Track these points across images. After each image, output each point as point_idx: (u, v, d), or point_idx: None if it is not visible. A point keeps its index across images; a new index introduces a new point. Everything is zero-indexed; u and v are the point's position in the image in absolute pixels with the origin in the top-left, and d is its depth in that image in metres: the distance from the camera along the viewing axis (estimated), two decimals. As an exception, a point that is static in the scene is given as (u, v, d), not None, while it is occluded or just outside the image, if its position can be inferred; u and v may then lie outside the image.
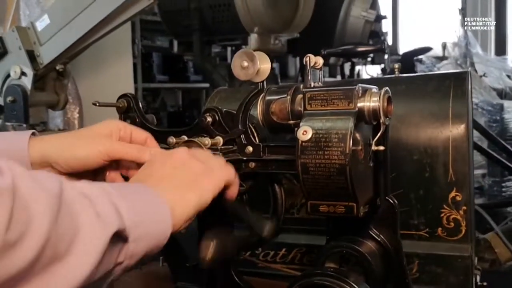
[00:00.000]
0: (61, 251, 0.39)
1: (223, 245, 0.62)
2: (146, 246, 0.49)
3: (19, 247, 0.36)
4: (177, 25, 2.89)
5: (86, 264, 0.41)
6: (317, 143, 0.53)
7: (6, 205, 0.35)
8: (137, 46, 3.49)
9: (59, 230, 0.39)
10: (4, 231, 0.35)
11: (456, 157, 0.79)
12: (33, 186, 0.39)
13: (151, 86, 3.77)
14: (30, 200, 0.38)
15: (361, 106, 0.54)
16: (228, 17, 2.69)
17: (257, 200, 0.69)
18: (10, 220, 0.35)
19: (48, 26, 1.34)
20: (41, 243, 0.37)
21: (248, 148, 0.65)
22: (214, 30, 2.80)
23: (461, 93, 0.81)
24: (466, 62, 2.71)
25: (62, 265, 0.40)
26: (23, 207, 0.37)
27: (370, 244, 0.59)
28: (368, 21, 3.10)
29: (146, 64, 3.73)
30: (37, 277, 0.38)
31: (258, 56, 0.62)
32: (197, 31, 2.76)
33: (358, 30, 3.08)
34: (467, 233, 0.79)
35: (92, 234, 0.42)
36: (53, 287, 0.39)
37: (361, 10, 3.03)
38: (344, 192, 0.53)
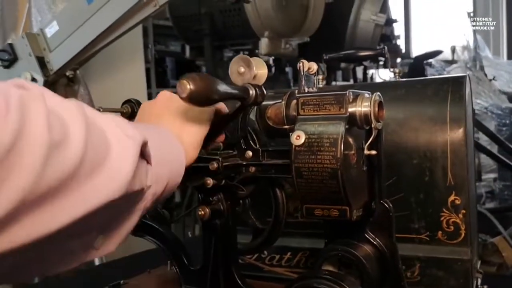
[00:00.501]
0: (100, 157, 0.40)
1: None
2: (168, 171, 0.52)
3: (65, 147, 0.36)
4: (188, 30, 2.92)
5: (125, 169, 0.42)
6: (309, 147, 0.54)
7: (43, 108, 0.36)
8: (151, 51, 3.53)
9: (93, 137, 0.40)
10: (47, 131, 0.35)
11: (455, 161, 0.80)
12: (60, 100, 0.40)
13: (165, 91, 3.80)
14: (61, 109, 0.38)
15: (353, 111, 0.55)
16: (239, 21, 2.71)
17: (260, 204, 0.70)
18: (49, 122, 0.36)
19: (57, 33, 1.37)
20: (82, 145, 0.38)
21: (247, 153, 0.66)
22: (225, 35, 2.83)
23: (459, 98, 0.81)
24: (476, 65, 2.69)
25: (104, 170, 0.40)
26: (56, 113, 0.38)
27: (366, 248, 0.60)
28: (378, 25, 3.10)
29: (159, 69, 3.76)
30: (85, 180, 0.38)
31: (254, 61, 0.63)
32: (208, 36, 2.79)
33: (369, 34, 3.08)
34: (467, 236, 0.79)
35: (123, 144, 0.43)
36: (101, 190, 0.40)
37: (371, 14, 3.03)
38: (336, 196, 0.54)
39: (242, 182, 0.67)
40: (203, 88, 0.52)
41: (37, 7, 2.18)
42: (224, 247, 0.69)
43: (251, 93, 0.59)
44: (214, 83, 0.54)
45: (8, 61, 1.39)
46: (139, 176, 0.46)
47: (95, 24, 1.28)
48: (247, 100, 0.59)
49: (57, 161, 0.36)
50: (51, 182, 0.35)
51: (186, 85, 0.51)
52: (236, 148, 0.67)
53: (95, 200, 0.40)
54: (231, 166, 0.65)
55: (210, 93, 0.53)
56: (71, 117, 0.39)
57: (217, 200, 0.68)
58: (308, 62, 0.60)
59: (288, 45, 2.79)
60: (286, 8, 2.71)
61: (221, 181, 0.66)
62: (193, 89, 0.51)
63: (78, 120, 0.39)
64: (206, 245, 0.70)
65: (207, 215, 0.66)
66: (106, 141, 0.42)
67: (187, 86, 0.51)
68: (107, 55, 1.99)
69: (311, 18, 2.86)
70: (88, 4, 1.28)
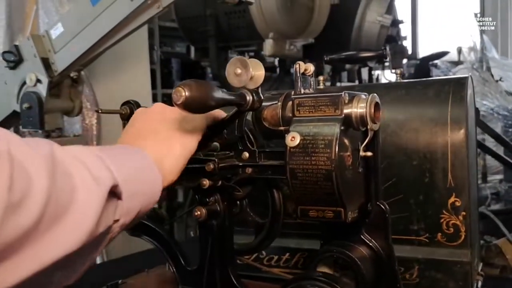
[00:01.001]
0: (62, 208, 0.41)
1: None
2: (140, 202, 0.51)
3: (23, 207, 0.37)
4: (193, 32, 2.94)
5: (87, 220, 0.43)
6: (304, 149, 0.54)
7: (6, 167, 0.36)
8: (156, 53, 3.54)
9: (58, 188, 0.40)
10: (7, 192, 0.36)
11: (455, 162, 0.79)
12: (27, 149, 0.40)
13: (170, 92, 3.81)
14: (26, 162, 0.39)
15: (348, 112, 0.55)
16: (244, 23, 2.72)
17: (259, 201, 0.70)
18: (11, 181, 0.36)
19: (62, 34, 1.38)
20: (43, 201, 0.38)
21: (244, 154, 0.66)
22: (230, 36, 2.84)
23: (460, 99, 0.81)
24: (482, 66, 2.68)
25: (65, 222, 0.41)
26: (21, 168, 0.38)
27: (361, 249, 0.60)
28: (384, 26, 3.09)
29: (165, 70, 3.78)
30: (43, 235, 0.39)
31: (251, 63, 0.63)
32: (213, 37, 2.80)
33: (374, 35, 3.07)
34: (467, 238, 0.79)
35: (89, 191, 0.43)
36: (60, 243, 0.41)
37: (376, 15, 3.03)
38: (331, 197, 0.54)
39: (239, 183, 0.67)
40: (198, 95, 0.52)
41: (44, 9, 2.20)
42: (220, 247, 0.70)
43: (248, 99, 0.59)
44: (210, 89, 0.54)
45: (14, 62, 1.40)
46: (106, 218, 0.46)
47: (99, 26, 1.29)
48: (244, 106, 0.59)
49: (14, 221, 0.36)
50: (7, 240, 0.36)
51: (182, 92, 0.51)
52: (233, 149, 0.67)
53: (55, 252, 0.40)
54: (227, 167, 0.65)
55: (206, 99, 0.54)
56: (36, 170, 0.39)
57: (214, 200, 0.68)
58: (305, 64, 0.60)
59: (293, 46, 2.79)
60: (291, 10, 2.71)
61: (218, 182, 0.66)
62: (188, 96, 0.51)
63: (44, 172, 0.40)
64: (202, 246, 0.70)
65: (204, 216, 0.66)
66: (71, 189, 0.42)
67: (182, 93, 0.51)
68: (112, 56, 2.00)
69: (316, 20, 2.86)
70: (93, 6, 1.29)
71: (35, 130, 1.44)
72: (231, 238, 0.71)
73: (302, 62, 0.61)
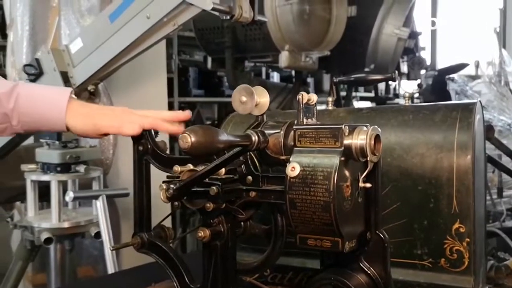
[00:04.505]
0: None
1: None
2: None
3: None
4: (210, 43, 2.97)
5: None
6: (304, 179, 0.56)
7: None
8: (174, 62, 3.59)
9: None
10: None
11: (460, 188, 0.80)
12: None
13: (187, 100, 3.86)
14: None
15: (348, 144, 0.57)
16: (260, 35, 2.74)
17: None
18: None
19: (81, 49, 1.42)
20: None
21: (248, 178, 0.68)
22: (246, 48, 2.86)
23: (467, 125, 0.82)
24: (500, 81, 2.65)
25: None
26: None
27: (359, 277, 0.61)
28: (401, 39, 3.08)
29: (182, 78, 3.83)
30: None
31: (256, 90, 0.65)
32: (229, 48, 2.83)
33: (391, 48, 3.07)
34: (470, 265, 0.79)
35: None
36: None
37: (393, 28, 3.02)
38: (329, 228, 0.55)
39: (242, 205, 0.69)
40: (204, 140, 0.55)
41: (66, 20, 2.26)
42: (223, 267, 0.71)
43: (253, 140, 0.62)
44: (215, 134, 0.57)
45: (35, 75, 1.45)
46: None
47: (116, 42, 1.33)
48: (249, 147, 0.62)
49: None
50: None
51: (187, 138, 0.54)
52: (238, 173, 0.69)
53: None
54: (231, 191, 0.67)
55: (212, 144, 0.57)
56: None
57: (218, 222, 0.69)
58: (308, 94, 0.61)
59: (308, 58, 2.80)
60: (307, 22, 2.73)
61: (222, 205, 0.68)
62: (194, 141, 0.54)
63: None
64: (205, 265, 0.72)
65: (207, 237, 0.68)
66: None
67: (188, 139, 0.54)
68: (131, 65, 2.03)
69: (332, 32, 2.86)
70: (111, 22, 1.32)
71: (53, 141, 1.48)
72: (234, 258, 0.73)
73: (306, 92, 0.62)
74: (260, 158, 0.66)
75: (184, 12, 1.25)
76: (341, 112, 0.94)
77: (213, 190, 0.65)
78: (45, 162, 1.56)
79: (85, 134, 0.81)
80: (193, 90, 3.95)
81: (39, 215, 1.69)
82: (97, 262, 2.39)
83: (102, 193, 1.58)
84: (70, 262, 1.99)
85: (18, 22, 2.41)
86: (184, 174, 0.70)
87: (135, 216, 0.83)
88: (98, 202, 1.56)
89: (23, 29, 2.41)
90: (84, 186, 1.77)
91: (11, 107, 0.78)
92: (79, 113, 0.79)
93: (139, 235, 0.81)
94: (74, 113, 0.79)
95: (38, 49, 2.41)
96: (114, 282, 1.18)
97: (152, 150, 0.79)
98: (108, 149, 2.18)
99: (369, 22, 2.98)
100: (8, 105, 0.78)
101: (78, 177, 1.61)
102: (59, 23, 2.31)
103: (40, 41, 2.42)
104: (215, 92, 4.06)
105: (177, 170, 0.71)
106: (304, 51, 2.75)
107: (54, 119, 0.78)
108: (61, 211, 1.61)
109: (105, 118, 0.81)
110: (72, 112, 0.79)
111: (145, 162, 0.81)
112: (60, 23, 2.30)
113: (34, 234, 1.61)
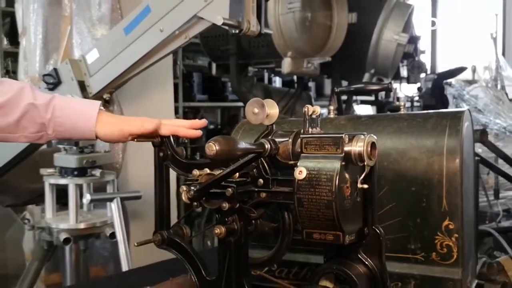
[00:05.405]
0: None
1: None
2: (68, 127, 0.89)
3: None
4: (215, 50, 3.06)
5: None
6: (310, 181, 0.65)
7: None
8: (179, 67, 3.69)
9: None
10: None
11: (450, 189, 0.88)
12: None
13: (191, 105, 3.95)
14: None
15: (348, 151, 0.66)
16: (264, 42, 2.82)
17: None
18: None
19: (97, 60, 1.51)
20: None
21: (259, 181, 0.77)
22: (250, 54, 2.95)
23: (456, 132, 0.90)
24: (497, 85, 2.73)
25: None
26: None
27: (358, 267, 0.70)
28: (401, 44, 3.17)
29: (187, 84, 3.92)
30: None
31: (267, 103, 0.74)
32: (234, 55, 2.92)
33: (390, 53, 3.15)
34: (458, 258, 0.88)
35: None
36: None
37: (393, 34, 3.11)
38: (331, 223, 0.64)
39: (254, 205, 0.78)
40: (227, 148, 0.66)
41: (77, 29, 2.35)
42: (237, 261, 0.80)
43: (266, 148, 0.72)
44: (235, 143, 0.68)
45: (53, 84, 1.54)
46: None
47: (131, 53, 1.42)
48: (263, 154, 0.72)
49: None
50: None
51: (213, 147, 0.65)
52: (250, 176, 0.78)
53: None
54: (244, 193, 0.76)
55: (233, 151, 0.68)
56: None
57: (232, 220, 0.78)
58: (312, 106, 0.70)
59: (310, 64, 2.89)
60: (309, 29, 2.81)
61: (236, 205, 0.76)
62: (218, 149, 0.65)
63: None
64: (221, 259, 0.81)
65: (223, 234, 0.77)
66: None
67: (213, 148, 0.65)
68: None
69: (333, 38, 2.95)
70: (126, 35, 1.41)
71: (70, 146, 1.57)
72: (247, 253, 0.82)
73: (310, 105, 0.71)
74: (270, 163, 0.75)
75: (196, 26, 1.34)
76: (342, 120, 1.03)
77: (229, 191, 0.74)
78: (63, 166, 1.65)
79: (113, 140, 0.91)
80: (197, 95, 4.04)
81: (57, 217, 1.78)
82: (107, 263, 2.48)
83: (117, 195, 1.67)
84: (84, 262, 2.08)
85: (31, 31, 2.50)
86: (202, 178, 0.79)
87: (155, 215, 0.92)
88: (113, 204, 1.66)
89: (36, 38, 2.50)
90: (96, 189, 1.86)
91: (48, 117, 0.87)
92: (107, 122, 0.89)
93: (159, 233, 0.90)
94: (103, 123, 0.88)
95: (50, 57, 2.51)
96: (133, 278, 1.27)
97: (172, 156, 0.88)
98: (118, 154, 2.27)
99: (369, 28, 3.06)
100: (46, 116, 0.87)
101: (94, 180, 1.70)
102: (71, 32, 2.40)
103: (52, 49, 2.51)
104: (219, 97, 4.15)
105: (196, 174, 0.80)
106: (306, 57, 2.83)
107: (85, 129, 0.88)
108: (78, 212, 1.71)
109: (130, 123, 0.90)
110: (101, 122, 0.88)
111: (165, 167, 0.90)
112: (72, 32, 2.39)
113: (53, 234, 1.70)
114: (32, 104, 0.87)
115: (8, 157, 1.71)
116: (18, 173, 1.91)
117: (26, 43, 2.55)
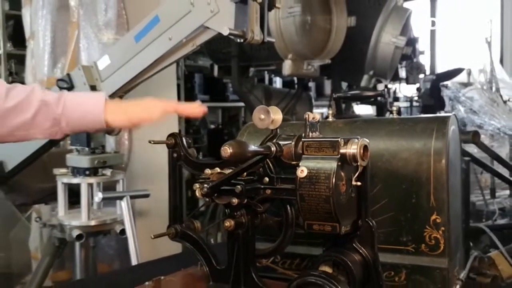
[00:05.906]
0: None
1: None
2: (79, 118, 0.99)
3: None
4: (217, 52, 3.15)
5: None
6: (310, 179, 0.74)
7: None
8: (181, 68, 3.77)
9: None
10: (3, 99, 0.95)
11: (437, 186, 0.97)
12: None
13: (192, 106, 4.02)
14: None
15: (344, 153, 0.75)
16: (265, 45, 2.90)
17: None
18: None
19: (108, 66, 1.60)
20: None
21: (265, 179, 0.86)
22: (251, 57, 3.04)
23: (442, 135, 0.99)
24: (492, 88, 2.82)
25: None
26: None
27: (353, 255, 0.79)
28: (399, 47, 3.25)
29: (188, 84, 4.00)
30: None
31: (272, 110, 0.83)
32: (235, 57, 3.00)
33: (389, 55, 3.23)
34: (445, 249, 0.96)
35: None
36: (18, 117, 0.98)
37: (391, 37, 3.19)
38: (329, 215, 0.73)
39: (260, 201, 0.87)
40: (239, 150, 0.77)
41: (84, 35, 2.44)
42: (244, 251, 0.89)
43: (272, 150, 0.82)
44: (246, 146, 0.78)
45: (66, 89, 1.62)
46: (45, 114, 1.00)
47: (141, 60, 1.51)
48: (269, 155, 0.81)
49: None
50: None
51: (228, 150, 0.76)
52: (256, 174, 0.87)
53: None
54: (252, 189, 0.85)
55: (244, 153, 0.78)
56: None
57: (240, 214, 0.87)
58: (312, 113, 0.79)
59: (310, 66, 2.97)
60: (309, 32, 2.90)
61: (244, 200, 0.85)
62: (232, 152, 0.75)
63: None
64: (230, 250, 0.90)
65: (232, 227, 0.86)
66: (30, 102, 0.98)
67: (228, 150, 0.75)
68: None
69: (333, 41, 3.04)
70: (136, 42, 1.50)
71: (82, 147, 1.66)
72: (253, 244, 0.91)
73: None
74: (275, 163, 0.84)
75: (203, 34, 1.43)
76: (340, 123, 1.12)
77: (238, 188, 0.83)
78: (75, 166, 1.74)
79: (122, 126, 1.03)
80: (198, 96, 4.12)
81: (69, 214, 1.87)
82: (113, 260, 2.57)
83: (127, 194, 1.76)
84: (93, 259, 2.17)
85: (40, 35, 2.59)
86: (213, 176, 0.88)
87: (169, 211, 1.01)
88: (123, 202, 1.75)
89: (44, 42, 2.59)
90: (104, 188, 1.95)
91: (59, 111, 0.97)
92: (115, 109, 1.00)
93: (173, 227, 0.99)
94: (111, 110, 0.99)
95: (58, 61, 2.60)
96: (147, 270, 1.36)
97: (185, 157, 0.97)
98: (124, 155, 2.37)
99: (368, 31, 3.14)
100: (57, 110, 0.98)
101: (105, 179, 1.79)
102: (78, 36, 2.49)
103: (60, 53, 2.61)
104: (220, 97, 4.22)
105: (208, 173, 0.89)
106: (306, 60, 2.92)
107: (95, 117, 0.99)
108: (89, 210, 1.80)
109: (136, 110, 1.02)
110: (109, 110, 0.99)
111: (179, 167, 0.99)
112: (79, 36, 2.48)
113: (65, 231, 1.79)
114: (44, 101, 0.98)
115: (20, 158, 1.79)
116: (29, 173, 2.00)
117: (35, 47, 2.64)
